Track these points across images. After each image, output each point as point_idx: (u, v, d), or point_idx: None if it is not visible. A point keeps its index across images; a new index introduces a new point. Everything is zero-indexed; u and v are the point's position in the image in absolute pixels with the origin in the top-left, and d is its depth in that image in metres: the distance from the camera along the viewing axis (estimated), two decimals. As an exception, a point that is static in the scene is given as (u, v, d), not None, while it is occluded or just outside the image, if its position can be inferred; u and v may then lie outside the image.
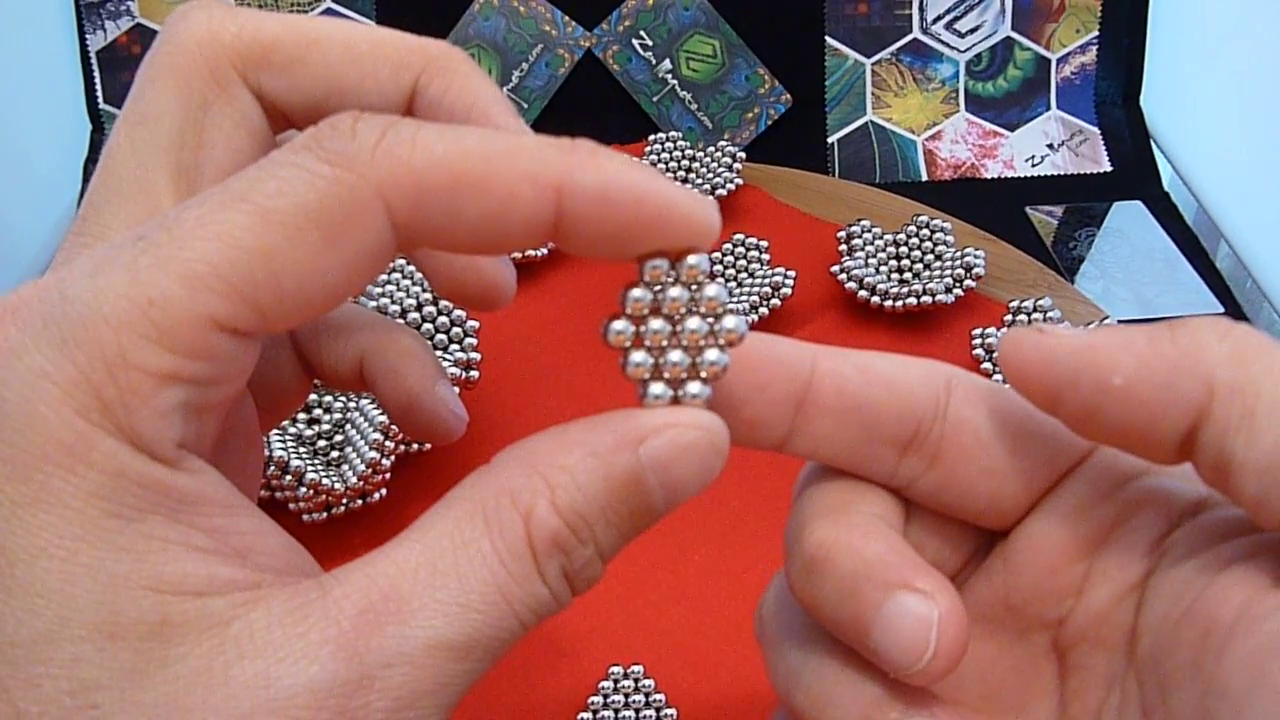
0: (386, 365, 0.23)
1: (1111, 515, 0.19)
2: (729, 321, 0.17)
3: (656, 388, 0.17)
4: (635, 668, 0.35)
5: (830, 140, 0.78)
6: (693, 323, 0.17)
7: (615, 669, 0.35)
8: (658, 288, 0.17)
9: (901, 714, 0.19)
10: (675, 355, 0.17)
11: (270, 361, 0.23)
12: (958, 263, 0.51)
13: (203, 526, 0.16)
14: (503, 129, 0.21)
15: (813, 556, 0.19)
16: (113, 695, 0.14)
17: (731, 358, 0.17)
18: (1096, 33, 0.79)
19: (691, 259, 0.17)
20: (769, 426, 0.19)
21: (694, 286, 0.17)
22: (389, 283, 0.43)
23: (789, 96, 0.78)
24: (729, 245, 0.52)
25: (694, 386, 0.17)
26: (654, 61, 0.78)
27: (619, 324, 0.17)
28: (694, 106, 0.78)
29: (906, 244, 0.53)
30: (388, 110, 0.21)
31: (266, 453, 0.37)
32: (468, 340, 0.41)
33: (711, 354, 0.17)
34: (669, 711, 0.34)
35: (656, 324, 0.17)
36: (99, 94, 0.76)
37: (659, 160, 0.61)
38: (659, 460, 0.17)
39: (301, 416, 0.46)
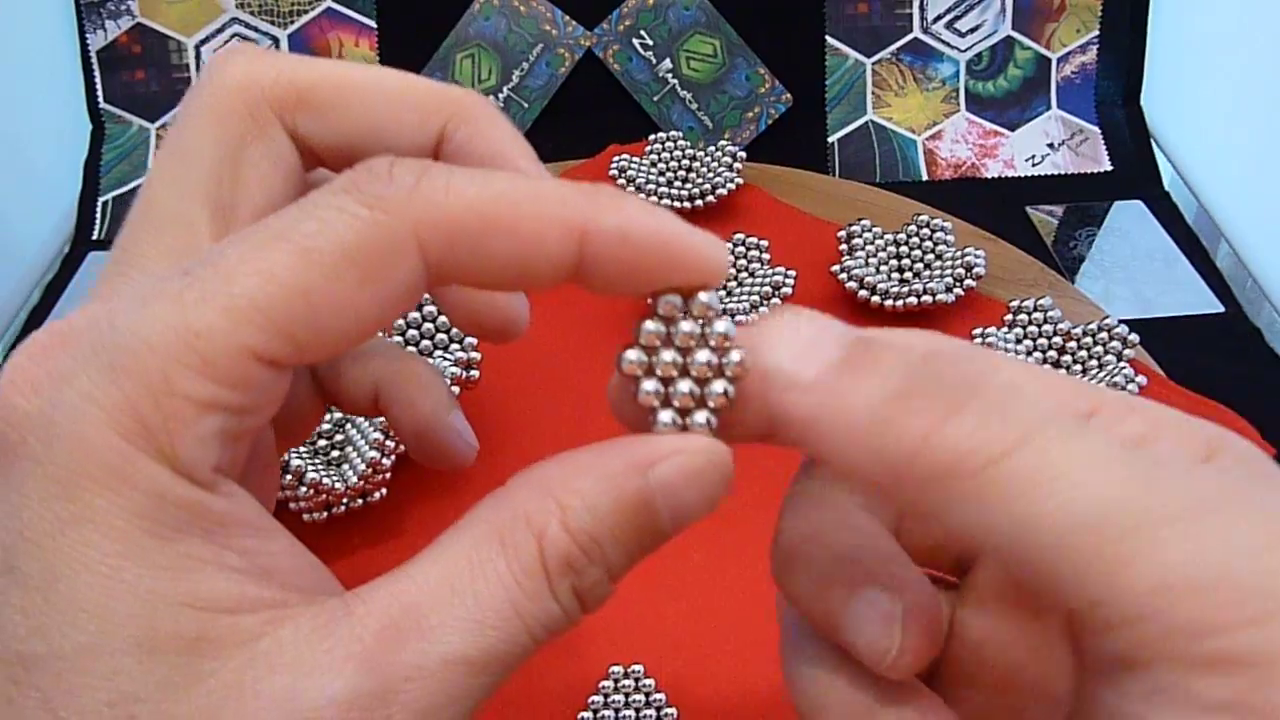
0: (401, 393, 0.24)
1: None
2: (735, 355, 0.18)
3: (665, 415, 0.18)
4: (636, 667, 0.35)
5: (830, 140, 0.78)
6: (702, 355, 0.18)
7: (616, 668, 0.35)
8: (670, 321, 0.18)
9: (892, 712, 0.19)
10: (684, 385, 0.18)
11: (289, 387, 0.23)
12: (958, 262, 0.51)
13: (235, 547, 0.16)
14: (527, 174, 0.21)
15: (787, 550, 0.19)
16: (149, 708, 0.15)
17: (736, 390, 0.18)
18: (1097, 32, 0.79)
19: (703, 296, 0.18)
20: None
21: (704, 322, 0.18)
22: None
23: (789, 96, 0.78)
24: (729, 245, 0.52)
25: (700, 415, 0.18)
26: (654, 61, 0.78)
27: (632, 353, 0.18)
28: (694, 106, 0.78)
29: (907, 244, 0.53)
30: (417, 154, 0.22)
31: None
32: (468, 340, 0.41)
33: (718, 385, 0.18)
34: (669, 711, 0.34)
35: (668, 355, 0.18)
36: (99, 94, 0.76)
37: (659, 160, 0.61)
38: (667, 484, 0.17)
39: (302, 416, 0.46)
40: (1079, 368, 0.46)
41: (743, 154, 0.60)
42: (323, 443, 0.44)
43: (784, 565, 0.19)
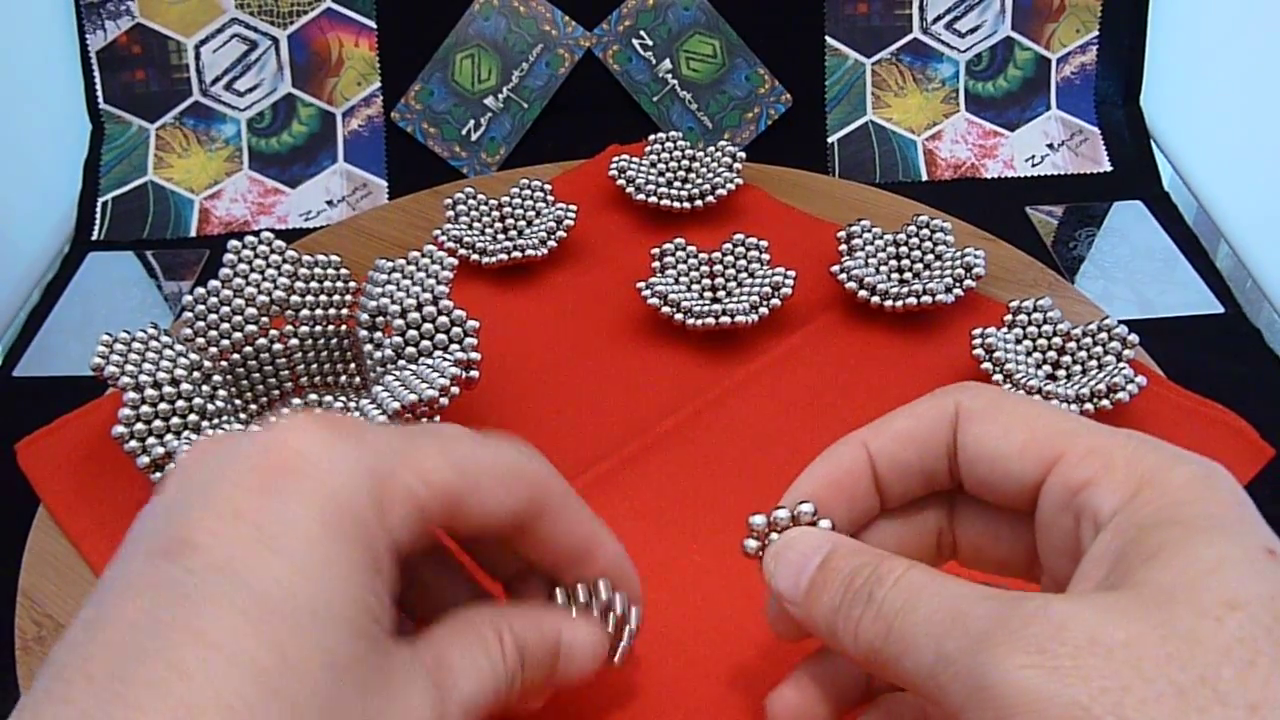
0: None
1: None
2: (821, 522, 0.29)
3: (751, 544, 0.29)
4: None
5: (830, 140, 0.78)
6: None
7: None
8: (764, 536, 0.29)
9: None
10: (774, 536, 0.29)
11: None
12: (958, 263, 0.51)
13: (387, 589, 0.25)
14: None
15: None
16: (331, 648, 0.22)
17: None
18: (1096, 32, 0.79)
19: (806, 508, 0.28)
20: (869, 513, 0.29)
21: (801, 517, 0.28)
22: (389, 283, 0.42)
23: (789, 96, 0.78)
24: (729, 245, 0.52)
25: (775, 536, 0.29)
26: (654, 61, 0.78)
27: (752, 543, 0.29)
28: (694, 106, 0.78)
29: (906, 244, 0.53)
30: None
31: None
32: (468, 340, 0.41)
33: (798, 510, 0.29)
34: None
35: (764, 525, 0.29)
36: (99, 94, 0.76)
37: (659, 160, 0.61)
38: (568, 643, 0.29)
39: (301, 416, 0.46)
40: (1079, 368, 0.46)
41: (743, 154, 0.60)
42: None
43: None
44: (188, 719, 0.18)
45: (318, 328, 0.46)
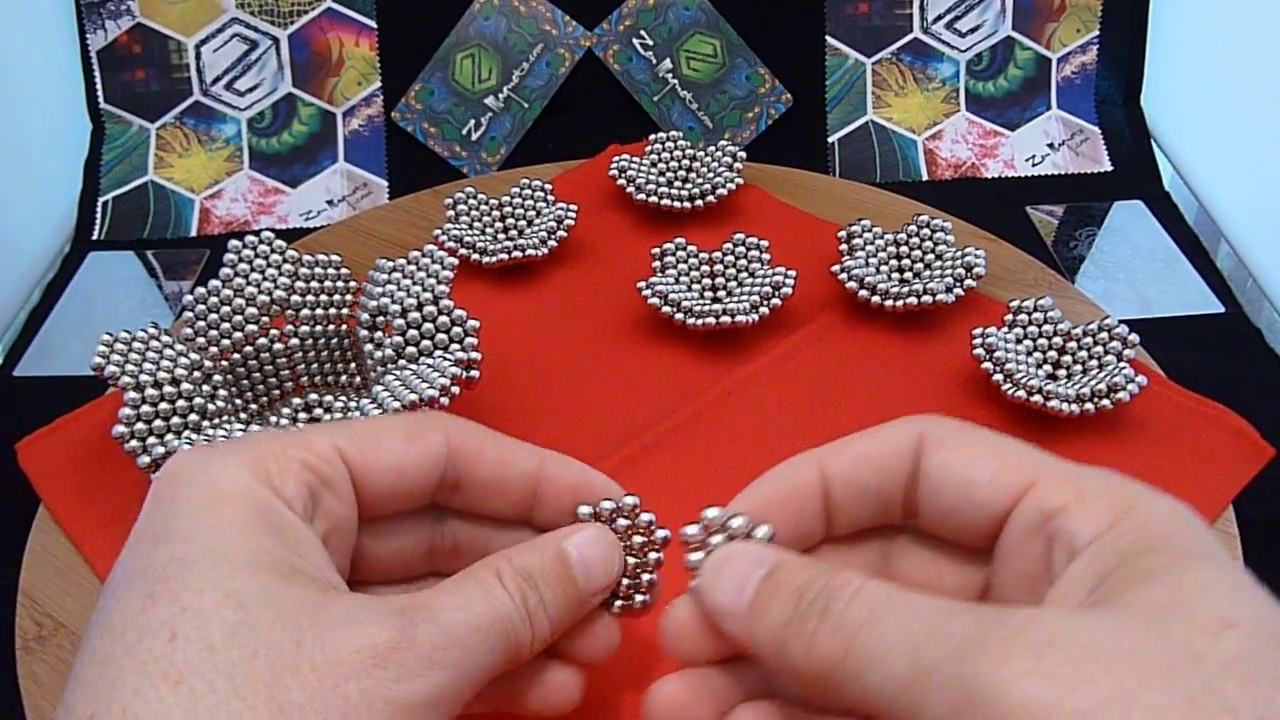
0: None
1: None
2: (752, 525, 0.27)
3: (692, 528, 0.27)
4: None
5: (830, 140, 0.78)
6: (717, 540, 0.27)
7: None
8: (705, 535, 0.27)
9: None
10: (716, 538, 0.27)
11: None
12: (958, 262, 0.51)
13: (301, 549, 0.25)
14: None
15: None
16: (254, 598, 0.23)
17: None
18: (1097, 32, 0.79)
19: (740, 523, 0.27)
20: (812, 536, 0.28)
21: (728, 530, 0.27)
22: (389, 282, 0.42)
23: (789, 96, 0.78)
24: (729, 245, 0.52)
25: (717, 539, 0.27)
26: (654, 61, 0.78)
27: (691, 542, 0.27)
28: (694, 106, 0.78)
29: (907, 244, 0.53)
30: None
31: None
32: (468, 340, 0.41)
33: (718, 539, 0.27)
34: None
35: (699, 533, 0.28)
36: (99, 93, 0.76)
37: (659, 160, 0.61)
38: (577, 545, 0.28)
39: (302, 416, 0.46)
40: (1079, 368, 0.46)
41: (743, 154, 0.60)
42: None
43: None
44: (116, 686, 0.22)
45: (318, 327, 0.46)
